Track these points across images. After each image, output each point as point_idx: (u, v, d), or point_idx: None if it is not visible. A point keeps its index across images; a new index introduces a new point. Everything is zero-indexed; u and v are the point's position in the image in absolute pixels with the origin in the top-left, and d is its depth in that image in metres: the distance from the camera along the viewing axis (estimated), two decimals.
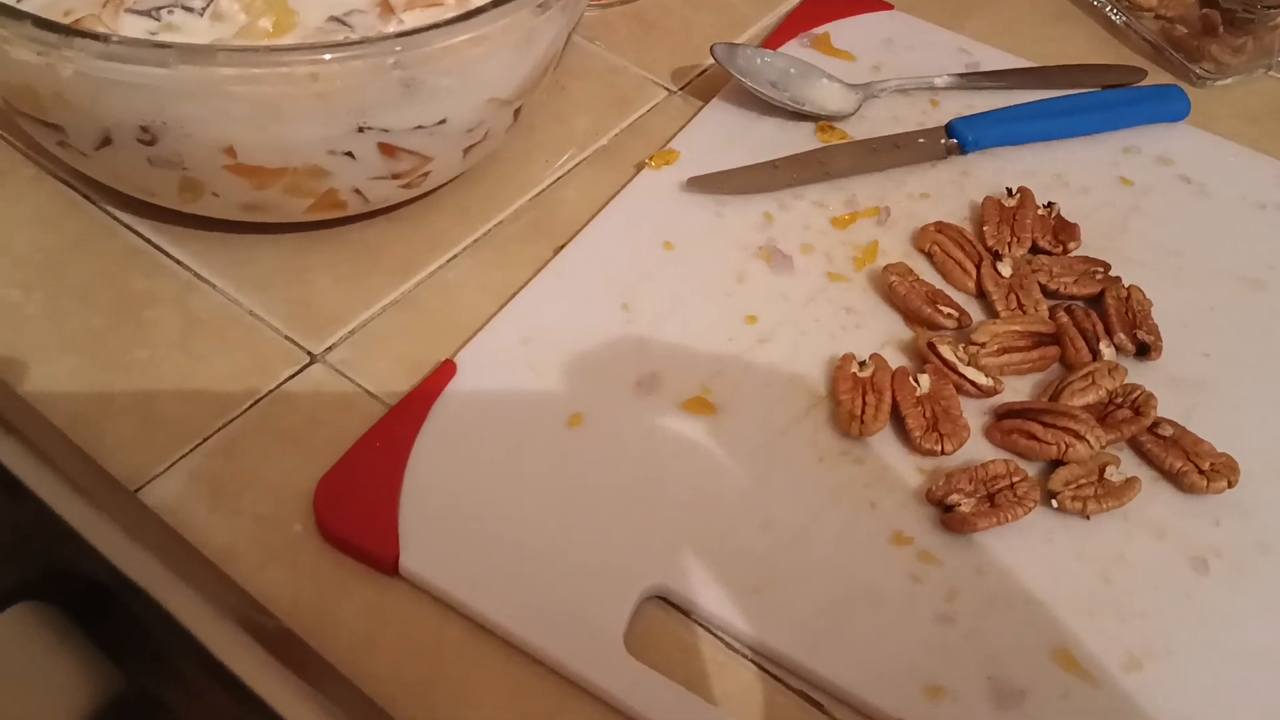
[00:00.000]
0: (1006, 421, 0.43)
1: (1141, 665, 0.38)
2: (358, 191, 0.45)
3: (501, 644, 0.37)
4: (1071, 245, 0.50)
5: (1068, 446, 0.42)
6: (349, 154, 0.42)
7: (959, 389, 0.44)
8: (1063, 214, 0.52)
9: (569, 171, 0.54)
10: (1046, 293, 0.48)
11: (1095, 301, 0.49)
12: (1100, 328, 0.46)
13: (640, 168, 0.53)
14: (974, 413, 0.44)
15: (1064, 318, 0.47)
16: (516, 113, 0.48)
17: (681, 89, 0.59)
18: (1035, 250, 0.50)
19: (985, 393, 0.44)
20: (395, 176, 0.45)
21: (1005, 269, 0.48)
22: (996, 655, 0.38)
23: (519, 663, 0.37)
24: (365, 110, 0.41)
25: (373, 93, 0.40)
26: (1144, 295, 0.48)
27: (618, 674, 0.36)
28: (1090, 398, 0.44)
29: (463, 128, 0.44)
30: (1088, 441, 0.42)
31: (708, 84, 0.59)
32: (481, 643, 0.37)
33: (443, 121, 0.43)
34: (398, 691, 0.36)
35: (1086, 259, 0.50)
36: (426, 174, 0.46)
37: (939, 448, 0.42)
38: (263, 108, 0.40)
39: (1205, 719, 0.37)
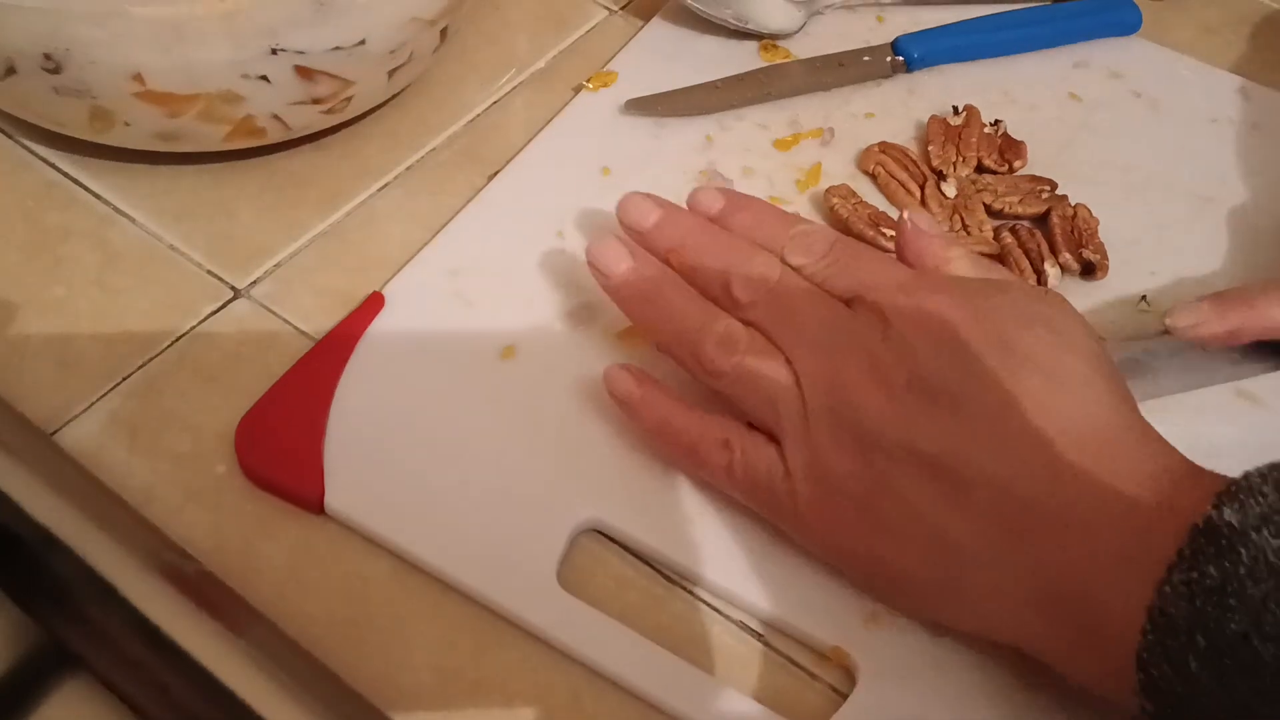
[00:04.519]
0: None
1: None
2: (276, 118, 0.43)
3: (432, 582, 0.36)
4: (1018, 164, 0.49)
5: None
6: (263, 78, 0.40)
7: None
8: (1010, 132, 0.50)
9: (504, 95, 0.52)
10: (992, 213, 0.47)
11: (1041, 221, 0.48)
12: (1045, 248, 0.46)
13: (578, 90, 0.52)
14: None
15: (1009, 238, 0.46)
16: (443, 33, 0.46)
17: (622, 8, 0.57)
18: (981, 170, 0.49)
19: None
20: (315, 101, 0.43)
21: (950, 189, 0.47)
22: None
23: (450, 600, 0.36)
24: (276, 31, 0.39)
25: (283, 11, 0.38)
26: (1090, 214, 0.47)
27: (551, 609, 0.36)
28: None
29: (384, 49, 0.43)
30: None
31: (648, 2, 0.57)
32: (411, 581, 0.36)
33: (361, 42, 0.41)
34: (324, 632, 0.35)
35: (1033, 178, 0.49)
36: (349, 98, 0.44)
37: None
38: (167, 29, 0.38)
39: None
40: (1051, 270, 0.45)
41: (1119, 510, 0.31)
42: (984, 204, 0.47)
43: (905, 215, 0.39)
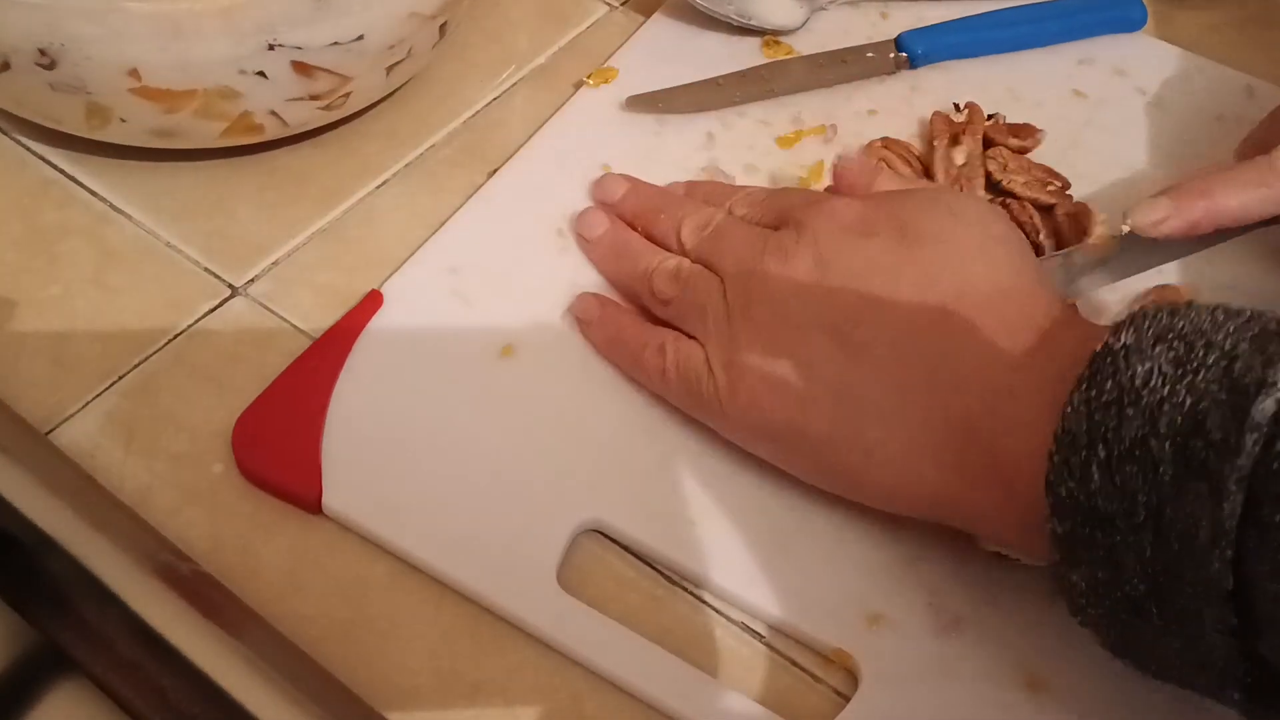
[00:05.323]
0: None
1: None
2: (274, 114, 0.42)
3: (431, 582, 0.36)
4: (1029, 142, 0.49)
5: None
6: (261, 74, 0.40)
7: None
8: None
9: (505, 92, 0.51)
10: (992, 186, 0.47)
11: (1046, 214, 0.47)
12: (1037, 219, 0.46)
13: (579, 87, 0.51)
14: None
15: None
16: (442, 29, 0.45)
17: (623, 4, 0.56)
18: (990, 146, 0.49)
19: None
20: (313, 98, 0.42)
21: (959, 156, 0.47)
22: (937, 581, 0.37)
23: (449, 601, 0.36)
24: (274, 26, 0.39)
25: (281, 7, 0.38)
26: (1094, 214, 0.47)
27: (551, 610, 0.35)
28: None
29: (382, 44, 0.42)
30: None
31: None
32: (410, 582, 0.36)
33: (360, 38, 0.41)
34: (322, 634, 0.35)
35: (1049, 170, 0.48)
36: (348, 95, 0.44)
37: None
38: (164, 25, 0.38)
39: None
40: (1048, 244, 0.45)
41: (1009, 354, 0.34)
42: (988, 172, 0.47)
43: (837, 160, 0.44)
